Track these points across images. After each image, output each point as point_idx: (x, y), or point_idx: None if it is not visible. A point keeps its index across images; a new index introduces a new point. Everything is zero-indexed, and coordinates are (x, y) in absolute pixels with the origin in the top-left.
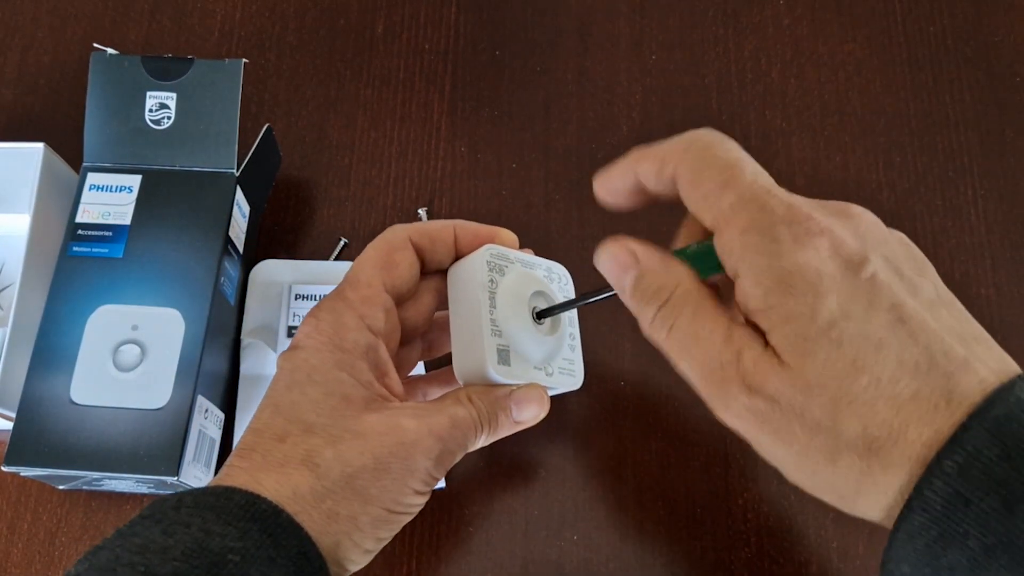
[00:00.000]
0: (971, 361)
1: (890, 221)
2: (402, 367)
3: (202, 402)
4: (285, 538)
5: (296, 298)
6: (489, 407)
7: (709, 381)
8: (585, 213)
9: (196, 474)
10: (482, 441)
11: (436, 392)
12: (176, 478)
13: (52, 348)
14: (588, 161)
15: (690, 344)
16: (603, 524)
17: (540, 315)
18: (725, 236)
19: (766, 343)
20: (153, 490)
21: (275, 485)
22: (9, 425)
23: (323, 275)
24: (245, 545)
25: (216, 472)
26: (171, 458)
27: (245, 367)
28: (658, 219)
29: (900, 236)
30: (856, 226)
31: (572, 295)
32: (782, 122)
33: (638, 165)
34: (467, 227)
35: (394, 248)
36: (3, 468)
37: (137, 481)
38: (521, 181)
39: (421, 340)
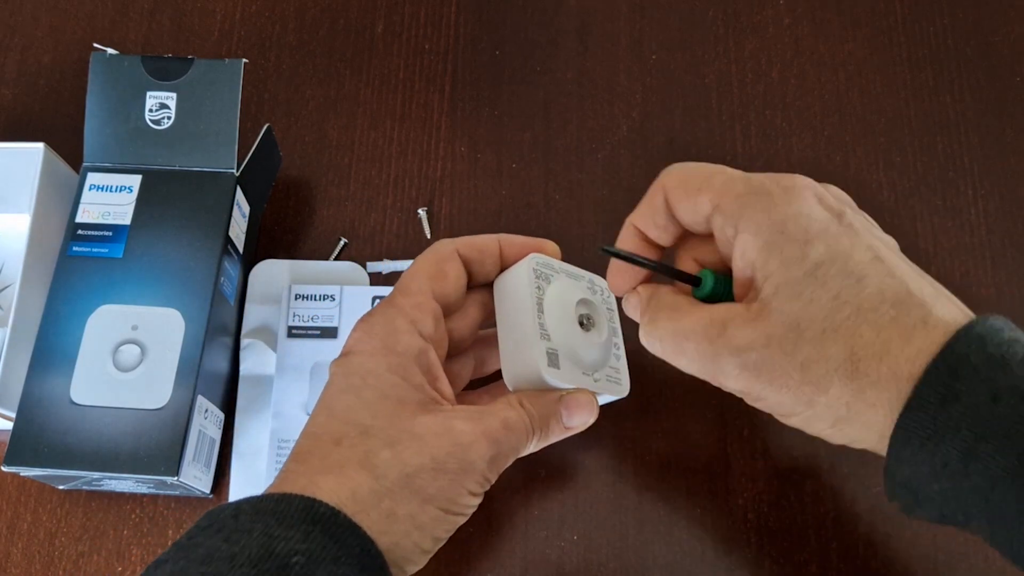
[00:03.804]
0: (939, 296)
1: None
2: (454, 383)
3: (202, 402)
4: (347, 539)
5: (296, 298)
6: (540, 411)
7: (705, 362)
8: (585, 213)
9: (196, 474)
10: (533, 446)
11: (486, 403)
12: (176, 478)
13: (52, 348)
14: (588, 161)
15: (680, 340)
16: (603, 524)
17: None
18: (724, 205)
19: (747, 307)
20: (153, 490)
21: (333, 487)
22: (9, 425)
23: (323, 275)
24: (309, 547)
25: (215, 472)
26: (171, 458)
27: (245, 367)
28: None
29: (863, 213)
30: (828, 189)
31: (614, 306)
32: (782, 122)
33: (634, 219)
34: (512, 240)
35: (443, 259)
36: (3, 468)
37: (137, 481)
38: (521, 181)
39: (472, 357)
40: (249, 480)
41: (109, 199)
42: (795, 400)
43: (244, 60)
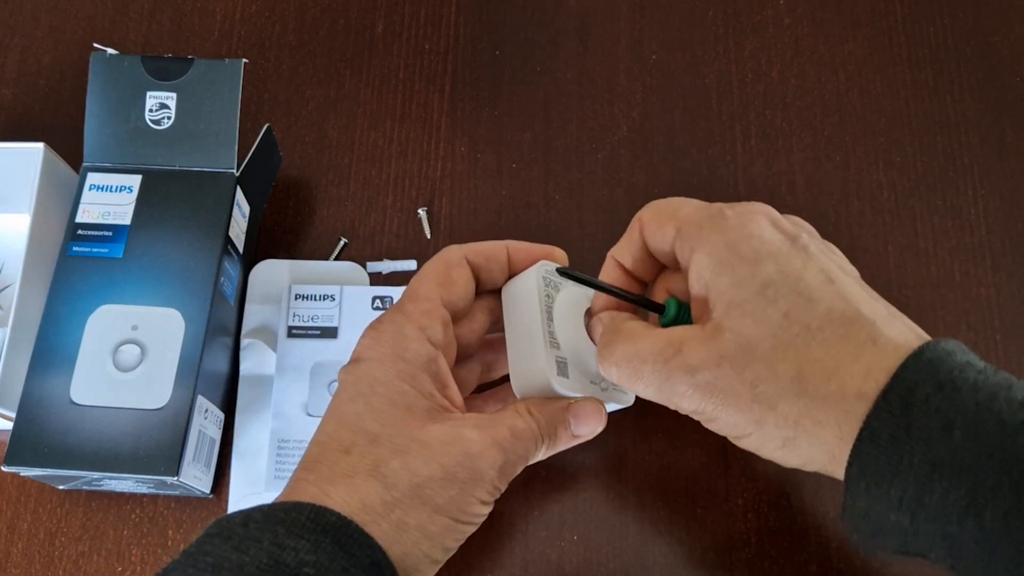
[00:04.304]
0: (892, 319)
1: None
2: (461, 388)
3: (202, 402)
4: (357, 549)
5: (296, 298)
6: (548, 419)
7: (661, 385)
8: (585, 213)
9: (196, 474)
10: (542, 454)
11: (493, 410)
12: (176, 478)
13: (52, 348)
14: (588, 161)
15: (636, 363)
16: (603, 524)
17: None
18: (684, 229)
19: (702, 327)
20: (153, 490)
21: (343, 496)
22: (9, 425)
23: (323, 275)
24: (318, 558)
25: (215, 472)
26: (171, 458)
27: (245, 367)
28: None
29: (826, 242)
30: (787, 217)
31: None
32: (782, 122)
33: (613, 252)
34: (520, 246)
35: (451, 265)
36: (3, 468)
37: (137, 481)
38: (521, 181)
39: (479, 362)
40: (249, 480)
41: (109, 199)
42: (746, 419)
43: (244, 60)
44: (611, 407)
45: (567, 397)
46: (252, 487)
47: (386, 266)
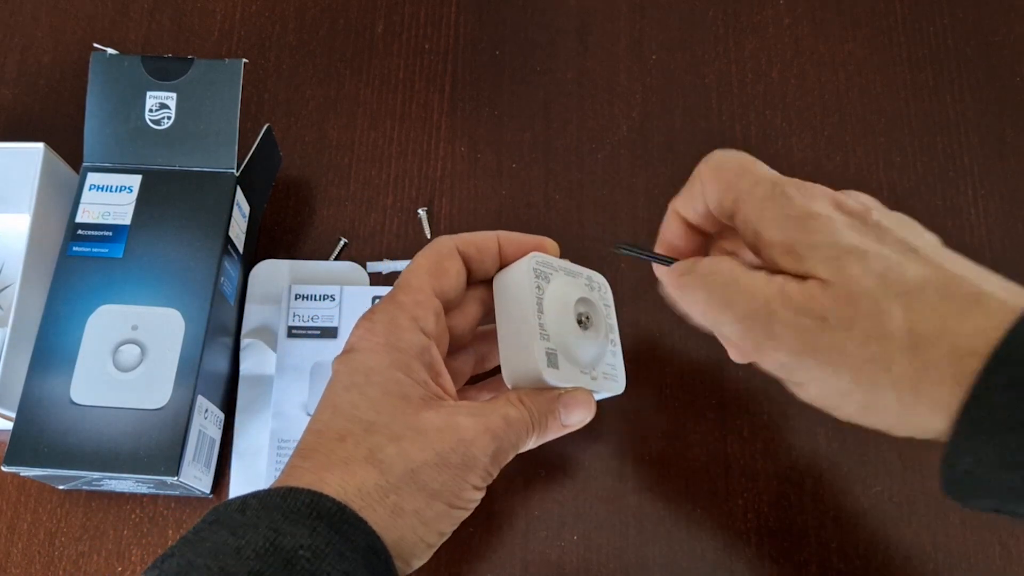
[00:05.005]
0: (988, 277)
1: None
2: (455, 378)
3: (202, 402)
4: (353, 533)
5: (296, 298)
6: (539, 409)
7: (755, 320)
8: (585, 213)
9: (196, 474)
10: (532, 442)
11: (486, 399)
12: (176, 478)
13: (52, 348)
14: (588, 161)
15: (732, 293)
16: (603, 524)
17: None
18: (747, 206)
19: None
20: (153, 490)
21: (339, 482)
22: (9, 425)
23: (323, 275)
24: (315, 542)
25: (215, 472)
26: (171, 458)
27: (245, 367)
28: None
29: (897, 213)
30: (853, 195)
31: (611, 303)
32: (782, 122)
33: (675, 204)
34: (511, 237)
35: (443, 256)
36: (3, 468)
37: (137, 481)
38: (521, 181)
39: (473, 352)
40: (249, 480)
41: (109, 199)
42: (854, 380)
43: (244, 60)
44: (601, 396)
45: (557, 387)
46: (252, 487)
47: (386, 266)
